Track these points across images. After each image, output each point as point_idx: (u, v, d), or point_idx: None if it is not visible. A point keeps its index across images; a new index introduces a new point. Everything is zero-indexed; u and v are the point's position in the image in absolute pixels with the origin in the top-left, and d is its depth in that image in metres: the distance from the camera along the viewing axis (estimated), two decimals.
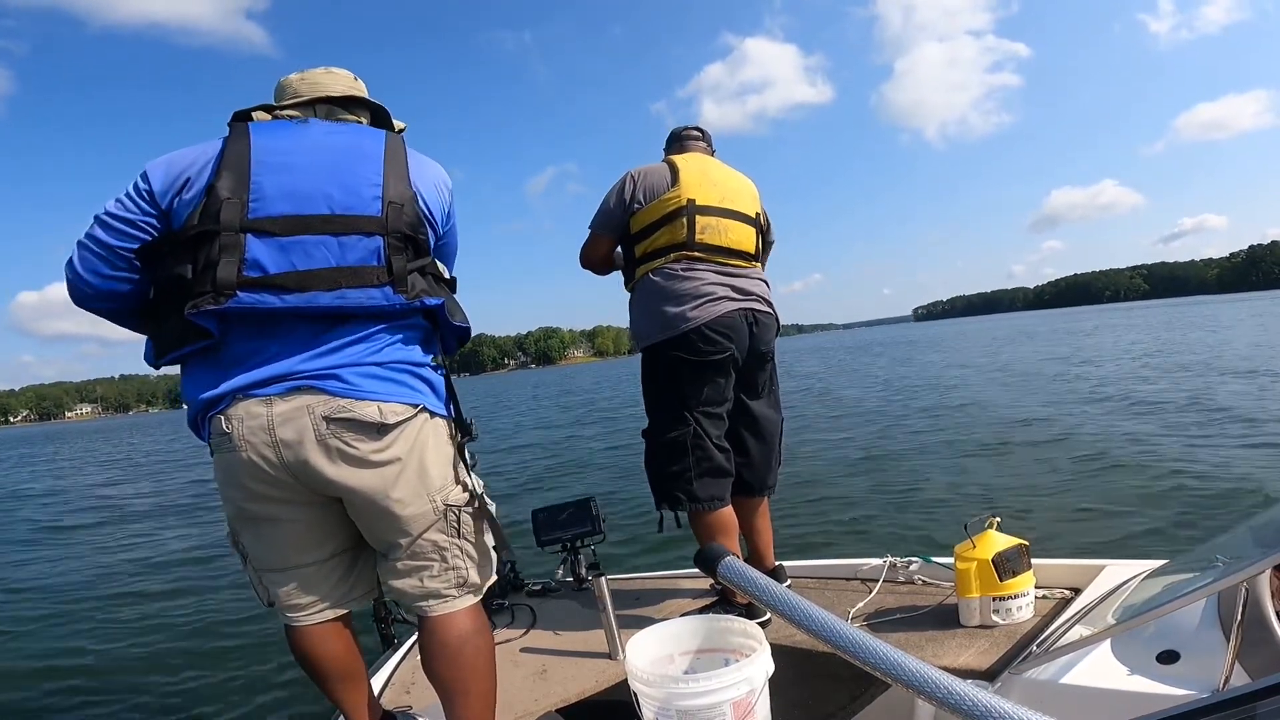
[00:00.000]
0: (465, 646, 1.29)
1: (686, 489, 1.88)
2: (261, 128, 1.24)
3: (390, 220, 1.19)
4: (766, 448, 2.04)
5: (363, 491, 1.20)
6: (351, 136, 1.27)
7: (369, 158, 1.23)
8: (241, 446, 1.15)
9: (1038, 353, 20.80)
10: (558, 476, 8.41)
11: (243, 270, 1.12)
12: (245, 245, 1.12)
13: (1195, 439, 6.49)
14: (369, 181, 1.20)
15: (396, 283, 1.19)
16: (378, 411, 1.18)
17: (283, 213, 1.15)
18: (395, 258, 1.19)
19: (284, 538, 1.26)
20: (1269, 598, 1.01)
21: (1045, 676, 1.24)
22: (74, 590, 5.53)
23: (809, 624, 0.60)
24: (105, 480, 15.15)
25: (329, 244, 1.16)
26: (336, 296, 1.15)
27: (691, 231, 1.90)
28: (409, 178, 1.25)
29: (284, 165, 1.18)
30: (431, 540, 1.27)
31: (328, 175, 1.18)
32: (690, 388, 1.89)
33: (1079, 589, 1.65)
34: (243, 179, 1.15)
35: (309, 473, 1.17)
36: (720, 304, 1.88)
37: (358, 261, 1.17)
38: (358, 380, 1.17)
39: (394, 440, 1.20)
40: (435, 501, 1.26)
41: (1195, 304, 76.31)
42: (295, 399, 1.15)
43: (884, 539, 4.43)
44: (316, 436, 1.15)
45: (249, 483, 1.19)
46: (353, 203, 1.18)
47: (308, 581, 1.29)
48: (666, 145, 2.19)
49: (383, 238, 1.19)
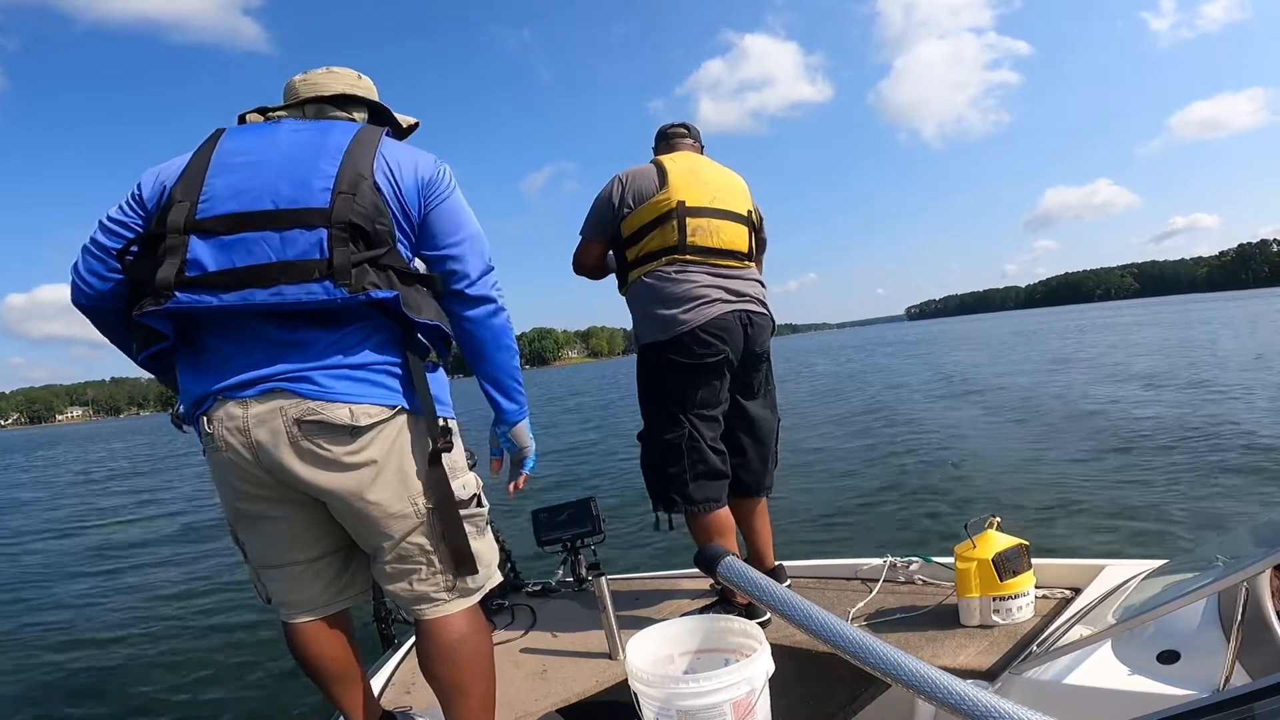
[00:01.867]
0: (462, 648, 1.28)
1: (682, 491, 1.87)
2: (234, 131, 1.25)
3: (337, 210, 1.13)
4: (763, 448, 2.03)
5: (337, 494, 1.18)
6: (316, 132, 1.24)
7: (329, 151, 1.19)
8: (223, 447, 1.16)
9: (1031, 353, 20.80)
10: (557, 476, 8.41)
11: (184, 271, 1.11)
12: (188, 246, 1.12)
13: (1195, 438, 6.49)
14: (322, 174, 1.16)
15: (338, 276, 1.11)
16: (349, 414, 1.15)
17: (229, 211, 1.13)
18: (338, 249, 1.12)
19: (276, 535, 1.26)
20: (1269, 598, 1.01)
21: (1045, 676, 1.24)
22: (72, 589, 5.53)
23: (809, 624, 0.60)
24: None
25: (270, 239, 1.12)
26: (273, 293, 1.11)
27: (683, 234, 1.88)
28: (372, 166, 1.19)
29: (240, 165, 1.17)
30: (416, 544, 1.25)
31: (279, 171, 1.16)
32: (685, 390, 1.88)
33: (1079, 589, 1.65)
34: (196, 181, 1.16)
35: (285, 474, 1.16)
36: (714, 306, 1.87)
37: (298, 255, 1.12)
38: (329, 382, 1.15)
39: (369, 442, 1.17)
40: (417, 504, 1.23)
41: (1185, 303, 75.92)
42: (269, 401, 1.14)
43: (884, 539, 4.44)
44: (289, 439, 1.14)
45: (235, 482, 1.21)
46: (300, 196, 1.14)
47: (301, 579, 1.29)
48: (655, 144, 2.17)
49: (326, 229, 1.12)
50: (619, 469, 8.36)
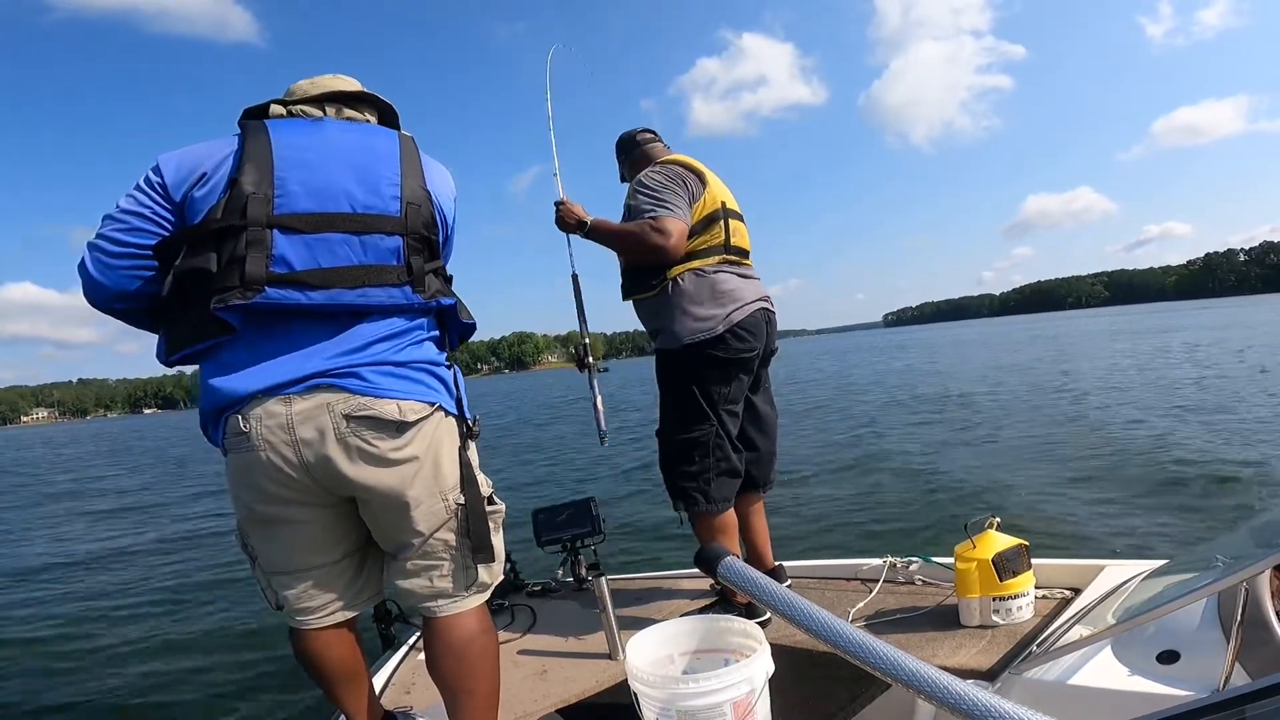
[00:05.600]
0: (471, 646, 1.29)
1: (704, 489, 1.89)
2: (279, 124, 1.23)
3: (409, 221, 1.21)
4: (770, 442, 2.09)
5: (380, 490, 1.20)
6: (364, 135, 1.27)
7: (385, 157, 1.24)
8: (260, 446, 1.15)
9: (1016, 359, 20.78)
10: (556, 477, 8.41)
11: (269, 265, 1.12)
12: (272, 241, 1.13)
13: (1195, 439, 6.49)
14: (388, 181, 1.22)
15: (415, 282, 1.22)
16: (397, 410, 1.18)
17: (307, 209, 1.16)
18: (414, 258, 1.22)
19: (297, 539, 1.25)
20: (1269, 598, 1.01)
21: (1045, 676, 1.24)
22: (69, 587, 5.53)
23: (809, 624, 0.60)
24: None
25: (351, 242, 1.17)
26: (360, 295, 1.17)
27: (727, 234, 1.95)
28: (424, 179, 1.27)
29: (304, 161, 1.18)
30: (443, 539, 1.27)
31: (347, 173, 1.19)
32: (718, 386, 1.91)
33: (1079, 589, 1.66)
34: (266, 174, 1.15)
35: (328, 471, 1.17)
36: (749, 304, 1.93)
37: (378, 260, 1.19)
38: (377, 378, 1.18)
39: (412, 438, 1.21)
40: (448, 500, 1.26)
41: (1153, 311, 75.09)
42: (315, 397, 1.15)
43: (884, 539, 4.44)
44: (336, 435, 1.15)
45: (265, 483, 1.18)
46: (374, 202, 1.20)
47: (319, 583, 1.28)
48: (629, 152, 2.14)
49: (402, 238, 1.21)
50: (619, 469, 8.36)
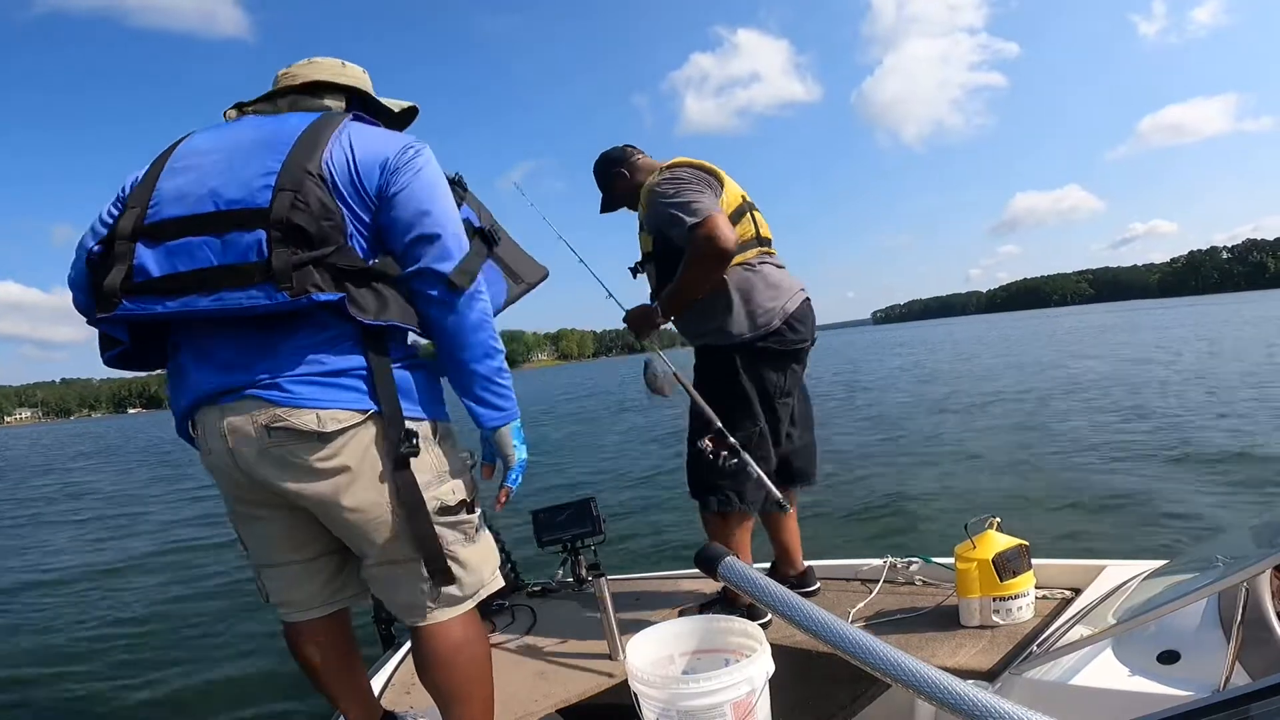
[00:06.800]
0: (457, 657, 1.25)
1: (740, 489, 1.83)
2: (200, 131, 1.24)
3: (276, 210, 1.08)
4: (811, 434, 2.08)
5: (314, 499, 1.16)
6: (275, 125, 1.20)
7: (276, 145, 1.14)
8: (208, 451, 1.17)
9: (1005, 357, 20.78)
10: (556, 477, 8.41)
11: (132, 277, 1.11)
12: (134, 252, 1.11)
13: (1195, 439, 6.49)
14: (263, 171, 1.11)
15: (278, 279, 1.06)
16: (315, 419, 1.11)
17: (174, 215, 1.12)
18: (278, 251, 1.07)
19: (271, 535, 1.26)
20: (1269, 598, 1.01)
21: (1046, 677, 1.24)
22: (67, 584, 5.53)
23: (809, 624, 0.60)
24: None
25: (211, 243, 1.09)
26: (214, 299, 1.08)
27: (757, 226, 1.93)
28: (321, 156, 1.13)
29: (189, 167, 1.16)
30: (401, 552, 1.21)
31: (221, 171, 1.13)
32: (776, 379, 1.88)
33: (1079, 589, 1.66)
34: (150, 185, 1.15)
35: (264, 479, 1.16)
36: (797, 294, 1.91)
37: (238, 259, 1.08)
38: (295, 388, 1.12)
39: (340, 449, 1.13)
40: (400, 512, 1.18)
41: (1135, 308, 74.66)
42: (241, 407, 1.13)
43: (884, 539, 4.43)
44: (260, 446, 1.13)
45: (226, 485, 1.22)
46: (240, 196, 1.10)
47: (297, 578, 1.29)
48: (618, 168, 2.05)
49: (265, 231, 1.07)
50: (618, 468, 8.36)
